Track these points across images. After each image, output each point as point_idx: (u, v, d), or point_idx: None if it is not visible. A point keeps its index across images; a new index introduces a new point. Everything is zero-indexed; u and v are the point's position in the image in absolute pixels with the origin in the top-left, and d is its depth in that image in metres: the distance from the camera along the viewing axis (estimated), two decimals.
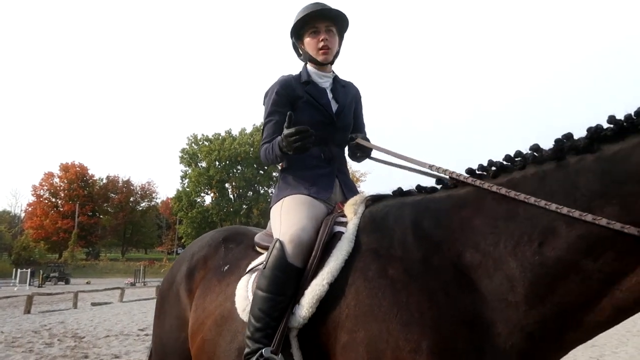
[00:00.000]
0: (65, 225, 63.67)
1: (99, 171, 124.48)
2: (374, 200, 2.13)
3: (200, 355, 2.22)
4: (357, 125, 2.63)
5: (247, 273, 2.18)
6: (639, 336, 11.25)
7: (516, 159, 1.71)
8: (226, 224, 62.18)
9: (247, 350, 1.89)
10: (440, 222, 1.78)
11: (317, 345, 1.83)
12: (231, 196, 67.14)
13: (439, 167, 1.99)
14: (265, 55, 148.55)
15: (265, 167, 65.01)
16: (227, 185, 66.42)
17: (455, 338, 1.55)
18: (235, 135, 66.30)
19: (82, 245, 65.79)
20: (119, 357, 7.73)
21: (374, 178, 60.87)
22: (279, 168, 2.54)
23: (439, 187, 1.96)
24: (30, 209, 67.42)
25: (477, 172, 1.81)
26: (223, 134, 66.48)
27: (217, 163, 64.60)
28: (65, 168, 67.94)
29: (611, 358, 7.72)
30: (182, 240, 68.33)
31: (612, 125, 1.49)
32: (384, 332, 1.64)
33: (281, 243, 1.99)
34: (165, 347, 2.53)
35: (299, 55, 2.56)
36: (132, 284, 37.82)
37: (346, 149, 2.54)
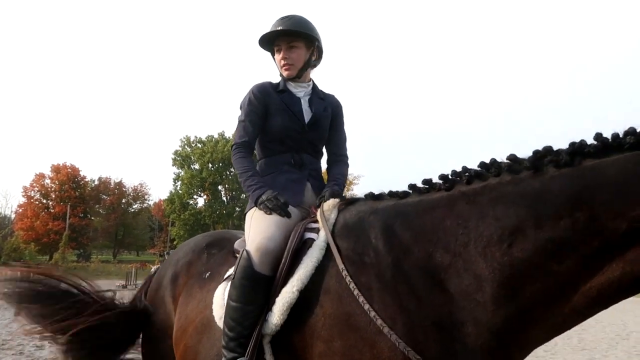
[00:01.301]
0: (56, 226, 63.15)
1: (91, 172, 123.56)
2: (347, 204, 2.13)
3: None
4: (335, 138, 2.64)
5: (224, 281, 2.19)
6: (628, 340, 11.36)
7: (491, 167, 1.74)
8: (219, 226, 62.00)
9: (222, 359, 1.91)
10: (411, 225, 1.80)
11: (291, 352, 1.84)
12: (224, 198, 66.93)
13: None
14: (259, 57, 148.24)
15: None
16: (220, 187, 66.22)
17: (428, 341, 1.57)
18: (229, 137, 66.09)
19: (73, 247, 65.24)
20: None
21: (367, 181, 60.99)
22: None
23: (410, 191, 1.97)
24: (20, 210, 66.78)
25: (450, 177, 1.84)
26: (216, 136, 66.34)
27: (210, 165, 64.40)
28: (56, 169, 67.39)
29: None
30: (175, 243, 67.90)
31: (596, 142, 1.53)
32: (359, 341, 1.66)
33: (247, 252, 2.01)
34: (156, 350, 2.55)
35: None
36: (124, 286, 37.42)
37: (324, 159, 2.60)
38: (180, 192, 65.01)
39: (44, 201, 66.56)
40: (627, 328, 13.86)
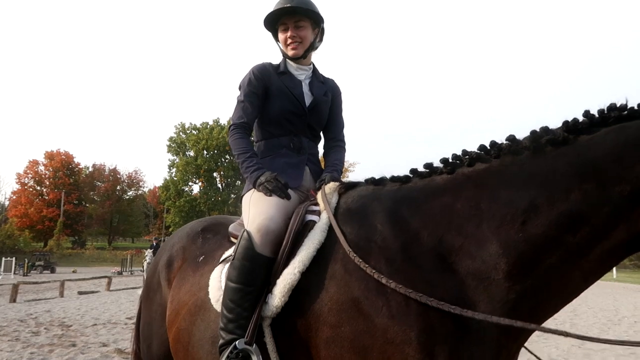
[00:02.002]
0: (50, 213, 63.03)
1: (85, 159, 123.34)
2: (347, 188, 2.13)
3: (176, 345, 2.24)
4: (334, 124, 2.62)
5: (220, 263, 2.19)
6: (620, 325, 11.50)
7: (491, 150, 1.77)
8: (214, 213, 61.95)
9: (221, 341, 1.89)
10: (420, 210, 1.81)
11: (293, 336, 1.82)
12: (219, 185, 66.91)
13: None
14: (254, 43, 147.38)
15: None
16: (215, 174, 66.14)
17: (441, 324, 1.58)
18: (223, 124, 65.87)
19: (68, 234, 65.22)
20: (106, 345, 7.72)
21: (362, 168, 61.05)
22: None
23: (411, 175, 1.97)
24: (14, 197, 66.50)
25: (451, 161, 1.86)
26: (211, 122, 66.11)
27: (205, 152, 64.25)
28: (50, 156, 67.08)
29: (592, 345, 7.89)
30: (170, 229, 67.93)
31: (585, 119, 1.63)
32: (370, 327, 1.64)
33: (248, 233, 1.99)
34: (152, 333, 2.56)
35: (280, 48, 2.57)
36: (119, 273, 37.64)
37: (321, 143, 2.58)
38: (175, 179, 64.94)
39: (38, 188, 66.31)
40: (619, 313, 14.05)
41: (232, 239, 2.35)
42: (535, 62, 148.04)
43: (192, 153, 65.04)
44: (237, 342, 1.81)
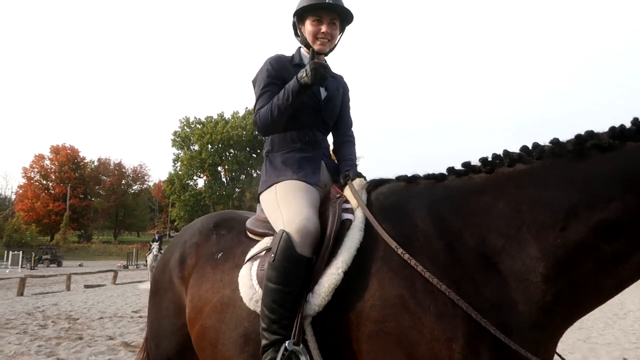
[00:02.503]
0: (56, 207, 63.38)
1: (90, 153, 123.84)
2: (375, 185, 2.13)
3: (201, 342, 2.24)
4: (345, 119, 2.62)
5: (247, 261, 2.16)
6: (625, 319, 11.47)
7: (534, 151, 1.78)
8: (219, 207, 62.14)
9: (264, 342, 1.89)
10: (461, 210, 1.82)
11: (333, 331, 1.84)
12: (224, 179, 67.02)
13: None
14: (258, 38, 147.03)
15: (258, 151, 64.85)
16: (219, 168, 66.26)
17: (486, 323, 1.60)
18: (228, 118, 65.92)
19: (74, 228, 65.60)
20: (113, 339, 7.78)
21: (366, 162, 60.97)
22: (264, 150, 2.51)
23: (446, 173, 1.98)
24: (21, 191, 66.92)
25: (490, 160, 1.87)
26: (215, 116, 66.12)
27: (209, 146, 64.33)
28: (55, 150, 67.37)
29: (598, 339, 7.88)
30: (175, 224, 68.26)
31: (633, 126, 1.61)
32: (417, 323, 1.66)
33: (288, 234, 1.96)
34: (161, 331, 2.54)
35: (296, 35, 2.52)
36: (125, 267, 37.83)
37: (330, 137, 2.56)
38: (179, 173, 65.10)
39: (44, 182, 66.68)
40: (625, 307, 13.99)
41: (251, 235, 2.34)
42: (535, 57, 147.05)
43: (196, 147, 65.15)
44: (286, 344, 1.81)
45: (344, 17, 2.45)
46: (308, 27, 2.40)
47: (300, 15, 2.43)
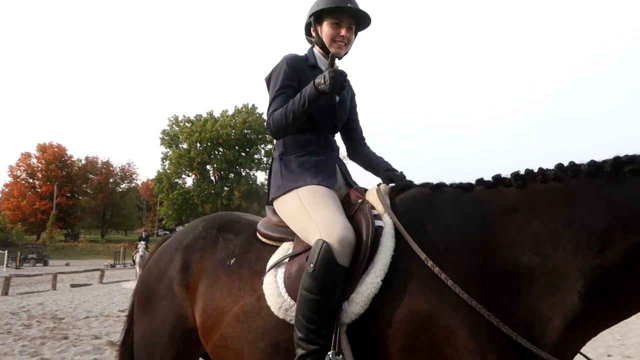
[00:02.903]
0: (43, 206, 62.70)
1: (78, 152, 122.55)
2: (399, 190, 2.14)
3: (222, 351, 2.18)
4: (357, 122, 2.63)
5: (271, 269, 2.10)
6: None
7: (569, 170, 1.81)
8: (207, 206, 61.94)
9: (301, 352, 1.86)
10: (493, 225, 1.84)
11: (366, 340, 1.84)
12: (212, 178, 66.78)
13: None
14: (248, 37, 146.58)
15: (247, 150, 64.71)
16: (208, 167, 66.02)
17: (518, 336, 1.64)
18: (217, 116, 65.66)
19: (61, 227, 64.97)
20: (99, 338, 7.71)
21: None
22: (276, 152, 2.44)
23: (474, 183, 2.00)
24: (6, 190, 66.09)
25: (522, 174, 1.89)
26: (204, 115, 65.84)
27: (198, 145, 64.05)
28: (42, 148, 66.65)
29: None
30: (163, 222, 67.90)
31: None
32: (450, 337, 1.69)
33: (328, 245, 1.92)
34: (157, 342, 2.39)
35: (307, 34, 2.50)
36: (112, 266, 37.57)
37: (338, 136, 2.56)
38: (168, 171, 64.77)
39: (31, 181, 65.95)
40: None
41: (264, 240, 2.30)
42: (535, 56, 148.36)
43: (185, 146, 64.84)
44: (330, 355, 1.80)
45: (361, 23, 2.45)
46: (326, 29, 2.38)
47: (318, 16, 2.40)
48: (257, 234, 2.34)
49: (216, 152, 65.25)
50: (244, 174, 66.86)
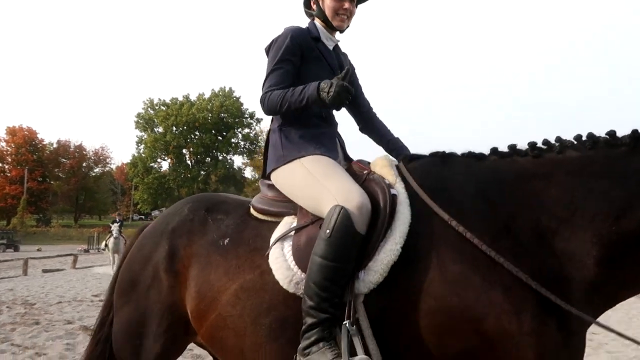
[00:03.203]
0: (13, 191, 61.14)
1: (49, 135, 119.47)
2: (409, 160, 2.14)
3: (220, 332, 2.11)
4: (358, 95, 2.60)
5: (276, 243, 2.06)
6: None
7: (587, 141, 1.85)
8: (183, 190, 61.32)
9: (310, 321, 1.82)
10: (511, 190, 1.87)
11: (382, 309, 1.82)
12: (189, 162, 66.04)
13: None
14: (225, 18, 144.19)
15: (224, 134, 64.12)
16: (184, 151, 65.22)
17: (548, 297, 1.68)
18: (193, 100, 64.74)
19: (32, 212, 63.55)
20: (71, 323, 7.62)
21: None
22: (274, 124, 2.36)
23: (486, 154, 2.02)
24: None
25: (538, 146, 1.92)
26: (181, 98, 64.80)
27: (174, 128, 63.14)
28: (12, 132, 64.71)
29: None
30: (138, 207, 67.04)
31: None
32: (483, 298, 1.70)
33: (347, 210, 1.88)
34: (143, 332, 2.29)
35: (307, 6, 2.49)
36: (86, 251, 37.11)
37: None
38: (143, 155, 63.77)
39: (0, 165, 64.08)
40: None
41: (260, 216, 2.25)
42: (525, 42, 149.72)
43: (160, 129, 63.84)
44: (347, 325, 1.77)
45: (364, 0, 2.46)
46: (328, 1, 2.36)
47: None
48: (252, 211, 2.30)
49: (192, 136, 64.46)
50: (220, 158, 66.28)
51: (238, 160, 66.42)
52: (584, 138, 1.86)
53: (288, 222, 2.13)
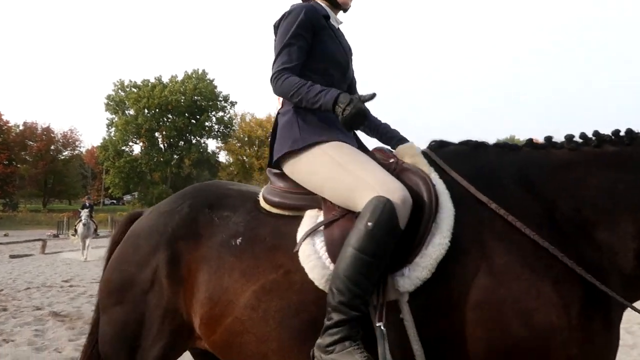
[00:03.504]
0: None
1: (15, 117, 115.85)
2: (438, 147, 2.09)
3: (237, 337, 1.97)
4: (354, 83, 2.52)
5: (307, 238, 1.92)
6: None
7: (625, 136, 1.89)
8: (156, 174, 60.44)
9: (338, 317, 1.71)
10: (551, 181, 1.87)
11: (424, 307, 1.75)
12: (161, 146, 64.89)
13: None
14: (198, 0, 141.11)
15: (198, 117, 63.20)
16: (156, 134, 64.01)
17: (592, 287, 1.69)
18: (166, 82, 63.44)
19: None
20: (40, 309, 7.47)
21: None
22: (287, 106, 2.19)
23: (519, 145, 2.03)
24: None
25: (574, 140, 1.95)
26: (152, 80, 63.41)
27: (146, 111, 61.81)
28: None
29: None
30: (109, 191, 65.79)
31: None
32: (532, 290, 1.68)
33: (392, 203, 1.77)
34: (142, 335, 2.15)
35: None
36: (55, 236, 36.29)
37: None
38: (114, 138, 62.33)
39: None
40: None
41: (275, 210, 2.10)
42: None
43: (132, 112, 62.39)
44: (382, 327, 1.69)
45: None
46: None
47: None
48: (263, 205, 2.14)
49: (165, 119, 63.24)
50: (194, 141, 65.28)
51: (212, 144, 65.72)
52: (621, 133, 1.90)
53: (312, 216, 1.99)
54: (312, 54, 2.17)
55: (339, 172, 1.95)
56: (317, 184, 2.02)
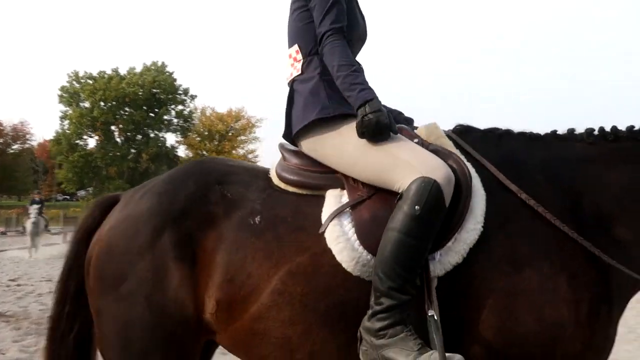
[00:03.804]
0: None
1: None
2: (461, 132, 2.05)
3: (261, 323, 1.86)
4: None
5: (334, 219, 1.85)
6: None
7: (636, 131, 1.93)
8: (112, 169, 58.90)
9: (389, 303, 1.67)
10: (574, 172, 1.90)
11: (449, 291, 1.76)
12: (118, 139, 63.20)
13: None
14: None
15: (156, 110, 61.93)
16: (113, 127, 62.30)
17: (603, 283, 1.74)
18: (123, 74, 61.79)
19: None
20: None
21: (271, 124, 60.71)
22: (312, 71, 2.04)
23: (540, 135, 2.04)
24: None
25: (592, 134, 1.96)
26: (109, 72, 61.64)
27: (102, 103, 60.03)
28: None
29: None
30: (62, 186, 63.69)
31: None
32: (550, 284, 1.71)
33: (439, 184, 1.71)
34: (140, 332, 1.96)
35: None
36: (4, 233, 35.14)
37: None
38: (68, 132, 60.25)
39: None
40: None
41: (292, 189, 2.00)
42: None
43: (87, 104, 60.45)
44: (434, 315, 1.66)
45: None
46: None
47: None
48: (277, 182, 2.04)
49: (122, 112, 61.55)
50: (152, 135, 63.80)
51: (171, 139, 64.05)
52: (635, 129, 1.93)
53: (336, 196, 1.92)
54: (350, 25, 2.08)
55: (370, 150, 1.87)
56: (347, 161, 1.93)
